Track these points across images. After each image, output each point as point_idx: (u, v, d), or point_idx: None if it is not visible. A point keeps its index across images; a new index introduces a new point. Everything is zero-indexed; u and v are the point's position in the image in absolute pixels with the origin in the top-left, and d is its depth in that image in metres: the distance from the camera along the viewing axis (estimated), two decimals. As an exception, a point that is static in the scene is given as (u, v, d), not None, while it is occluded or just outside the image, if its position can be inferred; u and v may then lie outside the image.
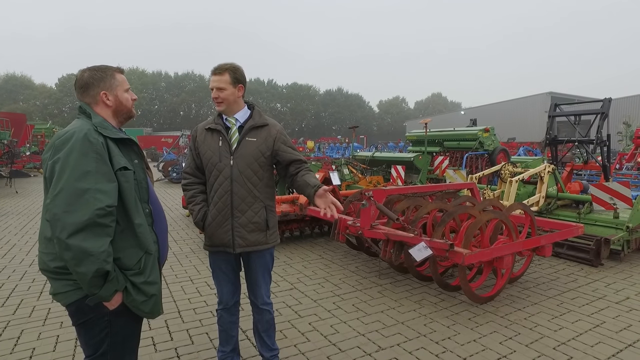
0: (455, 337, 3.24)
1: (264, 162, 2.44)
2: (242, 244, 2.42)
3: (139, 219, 1.72)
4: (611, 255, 5.19)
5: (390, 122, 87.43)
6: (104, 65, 1.85)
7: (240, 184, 2.39)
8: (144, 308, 1.74)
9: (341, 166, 9.04)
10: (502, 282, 4.02)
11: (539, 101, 39.60)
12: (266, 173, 2.48)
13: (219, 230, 2.42)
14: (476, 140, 11.56)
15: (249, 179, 2.40)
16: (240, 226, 2.40)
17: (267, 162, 2.46)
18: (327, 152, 26.34)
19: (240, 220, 2.40)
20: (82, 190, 1.54)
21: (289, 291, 4.23)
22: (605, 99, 6.91)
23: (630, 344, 3.15)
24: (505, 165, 6.72)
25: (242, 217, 2.40)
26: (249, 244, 2.43)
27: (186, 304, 3.88)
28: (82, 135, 1.61)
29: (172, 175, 14.58)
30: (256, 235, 2.43)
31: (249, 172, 2.40)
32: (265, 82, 76.86)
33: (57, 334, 3.26)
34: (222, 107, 2.42)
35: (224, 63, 2.40)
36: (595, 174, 10.08)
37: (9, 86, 63.24)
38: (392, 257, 3.92)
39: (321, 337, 3.25)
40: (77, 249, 1.50)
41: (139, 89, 63.90)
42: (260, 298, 2.56)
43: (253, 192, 2.41)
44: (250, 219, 2.41)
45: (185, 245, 6.06)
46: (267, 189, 2.50)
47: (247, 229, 2.41)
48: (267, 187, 2.49)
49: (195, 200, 2.50)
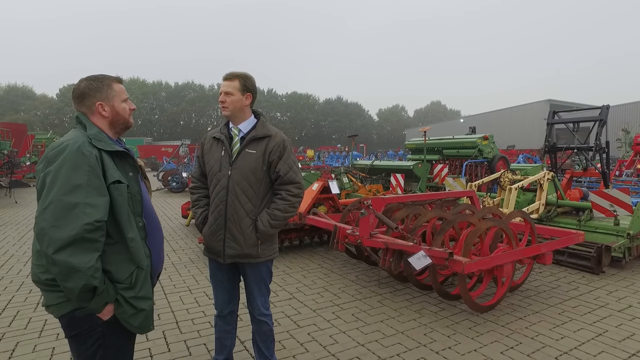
0: (455, 347, 3.20)
1: (261, 176, 2.39)
2: (231, 254, 2.41)
3: (132, 233, 1.69)
4: (612, 262, 5.15)
5: (389, 130, 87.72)
6: (102, 75, 1.83)
7: (234, 196, 2.38)
8: (132, 322, 1.71)
9: (340, 175, 9.04)
10: (502, 291, 3.98)
11: (537, 109, 39.75)
12: (263, 187, 2.42)
13: (213, 238, 2.44)
14: (475, 148, 11.58)
15: (244, 191, 2.38)
16: (231, 237, 2.39)
17: (265, 175, 2.41)
18: (327, 161, 26.37)
19: (231, 232, 2.39)
20: (72, 204, 1.52)
21: (288, 301, 4.19)
22: (604, 106, 6.94)
23: (633, 353, 3.10)
24: (505, 172, 6.71)
25: (233, 228, 2.39)
26: (238, 256, 2.41)
27: (184, 315, 3.84)
28: (75, 147, 1.60)
29: (172, 184, 14.56)
30: (246, 248, 2.40)
31: (245, 184, 2.38)
32: (265, 92, 77.27)
33: (52, 346, 3.22)
34: (227, 112, 2.44)
35: (237, 71, 2.44)
36: (595, 181, 10.07)
37: (11, 97, 63.59)
38: (392, 266, 3.89)
39: (320, 347, 3.21)
40: (64, 265, 1.48)
41: (140, 99, 64.25)
42: (256, 309, 2.54)
43: (246, 205, 2.38)
44: (241, 231, 2.38)
45: (184, 254, 6.02)
46: (262, 204, 2.44)
47: (238, 241, 2.39)
48: (262, 201, 2.43)
49: (198, 204, 2.57)
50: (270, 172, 2.40)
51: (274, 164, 2.39)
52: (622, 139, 21.68)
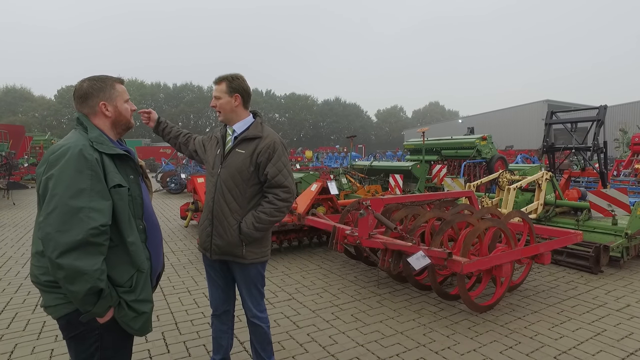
0: (455, 347, 3.20)
1: (248, 177, 2.37)
2: (217, 251, 2.44)
3: (132, 237, 1.68)
4: (611, 262, 5.17)
5: (388, 131, 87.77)
6: (104, 75, 1.82)
7: (220, 194, 2.40)
8: (133, 325, 1.70)
9: (339, 175, 9.05)
10: (501, 291, 3.99)
11: (535, 109, 39.81)
12: (250, 188, 2.40)
13: (203, 233, 2.49)
14: (474, 149, 11.61)
15: (230, 191, 2.38)
16: (217, 234, 2.42)
17: (252, 177, 2.38)
18: (326, 162, 26.36)
19: (217, 229, 2.42)
20: (76, 208, 1.51)
21: (287, 302, 4.19)
22: (601, 106, 6.96)
23: (632, 352, 3.11)
24: (503, 173, 6.72)
25: (219, 226, 2.41)
26: (223, 252, 2.43)
27: (183, 316, 3.83)
28: (77, 151, 1.58)
29: (170, 186, 14.54)
30: (230, 247, 2.40)
31: (231, 183, 2.38)
32: (264, 93, 77.28)
33: (51, 347, 3.21)
34: (221, 117, 2.48)
35: (225, 73, 2.46)
36: (593, 180, 10.10)
37: (9, 98, 63.40)
38: (391, 267, 3.89)
39: (320, 348, 3.21)
40: (70, 268, 1.47)
41: (138, 100, 64.11)
42: (249, 311, 2.54)
43: (231, 204, 2.38)
44: (225, 229, 2.39)
45: (183, 256, 6.02)
46: (250, 205, 2.41)
47: (222, 238, 2.40)
48: (249, 202, 2.41)
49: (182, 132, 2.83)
50: (259, 174, 2.38)
51: (262, 165, 2.35)
52: (619, 139, 21.78)
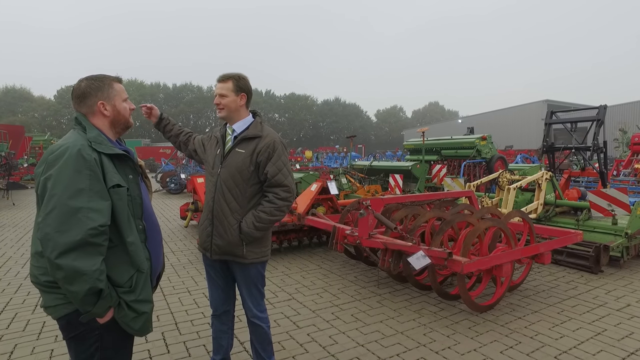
0: (455, 347, 3.20)
1: (248, 176, 2.37)
2: (217, 251, 2.43)
3: (132, 237, 1.68)
4: (611, 261, 5.17)
5: (388, 131, 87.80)
6: (102, 74, 1.82)
7: (220, 194, 2.40)
8: (133, 325, 1.69)
9: (339, 175, 9.04)
10: (501, 291, 3.99)
11: (535, 109, 39.82)
12: (250, 187, 2.40)
13: (203, 233, 2.49)
14: (474, 149, 11.61)
15: (230, 190, 2.38)
16: (217, 234, 2.41)
17: (252, 176, 2.38)
18: (325, 162, 26.36)
19: (217, 229, 2.41)
20: (75, 209, 1.50)
21: (287, 302, 4.18)
22: (601, 106, 6.96)
23: (632, 352, 3.11)
24: (503, 172, 6.72)
25: (219, 225, 2.41)
26: (223, 252, 2.42)
27: (183, 316, 3.83)
28: (75, 151, 1.57)
29: (170, 186, 14.53)
30: (231, 246, 2.40)
31: (231, 183, 2.38)
32: (263, 93, 77.26)
33: (51, 348, 3.21)
34: (222, 114, 2.45)
35: (230, 72, 2.45)
36: (593, 180, 10.10)
37: (8, 98, 63.37)
38: (391, 266, 3.89)
39: (320, 348, 3.20)
40: (69, 268, 1.47)
41: (138, 101, 63.83)
42: (249, 311, 2.54)
43: (231, 204, 2.38)
44: (225, 229, 2.39)
45: (183, 256, 6.01)
46: (250, 204, 2.42)
47: (223, 238, 2.40)
48: (249, 201, 2.41)
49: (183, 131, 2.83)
50: (259, 173, 2.39)
51: (262, 165, 2.36)
52: (619, 138, 21.79)
